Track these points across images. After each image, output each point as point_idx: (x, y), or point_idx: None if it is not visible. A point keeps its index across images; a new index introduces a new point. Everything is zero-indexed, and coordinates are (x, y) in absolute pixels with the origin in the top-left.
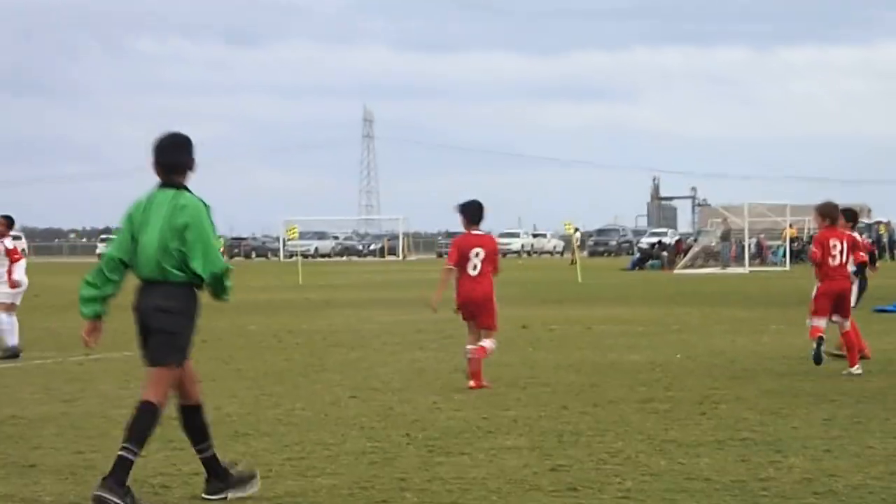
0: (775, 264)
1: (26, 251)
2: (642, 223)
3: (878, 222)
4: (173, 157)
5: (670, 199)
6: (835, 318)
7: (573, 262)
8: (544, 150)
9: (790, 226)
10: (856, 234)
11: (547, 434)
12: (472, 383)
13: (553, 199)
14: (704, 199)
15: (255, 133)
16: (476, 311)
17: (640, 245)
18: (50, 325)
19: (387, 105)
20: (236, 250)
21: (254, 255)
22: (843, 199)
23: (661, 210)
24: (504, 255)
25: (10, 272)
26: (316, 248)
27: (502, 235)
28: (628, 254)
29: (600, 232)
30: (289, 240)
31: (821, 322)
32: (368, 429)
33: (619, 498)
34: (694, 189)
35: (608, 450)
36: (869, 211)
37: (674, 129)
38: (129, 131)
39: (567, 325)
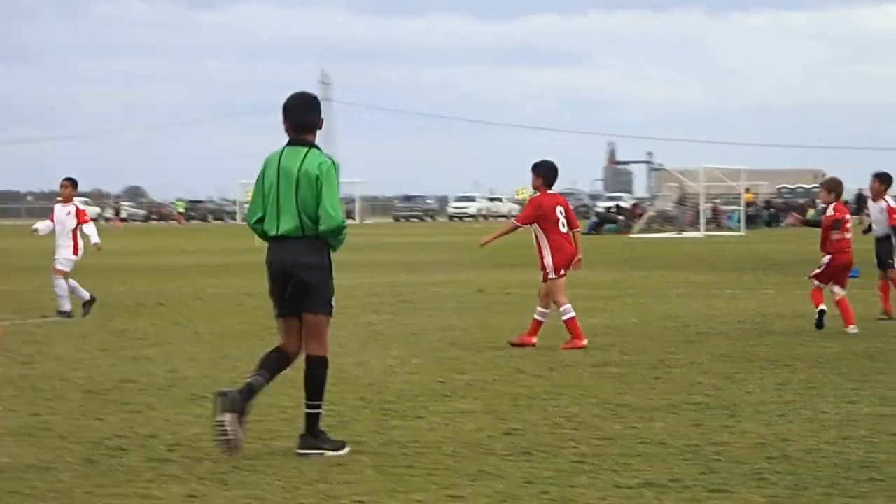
0: (731, 229)
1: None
2: (598, 187)
3: None
4: (303, 116)
5: (626, 163)
6: (835, 288)
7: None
8: (500, 115)
9: (746, 190)
10: (889, 199)
11: (502, 398)
12: (535, 340)
13: (509, 163)
14: (660, 164)
15: (211, 95)
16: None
17: (596, 209)
18: (9, 287)
19: (344, 68)
20: (193, 213)
21: (210, 217)
22: (797, 165)
23: (617, 174)
24: (461, 218)
25: (75, 235)
26: None
27: (458, 199)
28: (584, 218)
29: None
30: (246, 203)
31: (821, 287)
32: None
33: (574, 462)
34: (650, 153)
35: (563, 414)
36: (823, 176)
37: (630, 93)
38: (86, 94)
39: (523, 289)
